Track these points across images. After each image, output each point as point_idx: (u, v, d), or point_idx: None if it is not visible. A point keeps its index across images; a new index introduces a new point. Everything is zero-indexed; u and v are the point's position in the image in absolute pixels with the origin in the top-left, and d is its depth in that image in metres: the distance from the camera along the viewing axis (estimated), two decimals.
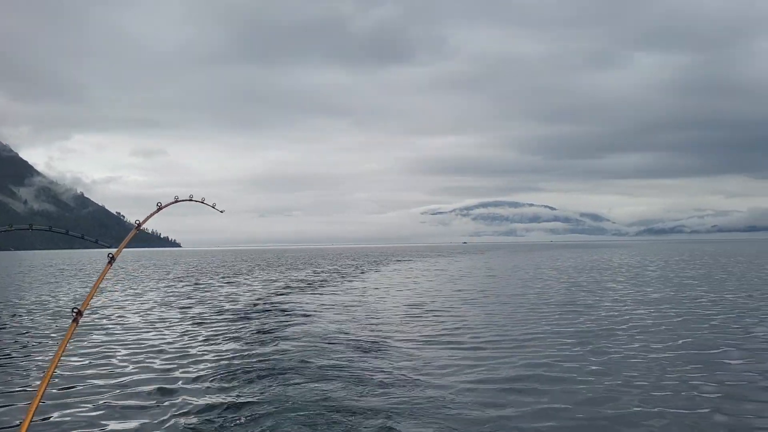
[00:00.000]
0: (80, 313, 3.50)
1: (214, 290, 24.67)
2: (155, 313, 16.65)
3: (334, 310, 16.46)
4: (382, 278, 31.52)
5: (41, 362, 9.80)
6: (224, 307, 17.82)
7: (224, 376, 8.42)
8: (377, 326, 13.12)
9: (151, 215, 4.80)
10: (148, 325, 14.13)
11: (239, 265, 55.92)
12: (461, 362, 9.14)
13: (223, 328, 13.31)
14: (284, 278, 32.32)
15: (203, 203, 5.55)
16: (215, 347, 10.87)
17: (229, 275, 36.81)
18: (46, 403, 7.10)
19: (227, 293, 22.89)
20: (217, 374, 8.53)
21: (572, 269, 36.12)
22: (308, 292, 23.07)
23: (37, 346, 11.54)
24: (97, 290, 3.89)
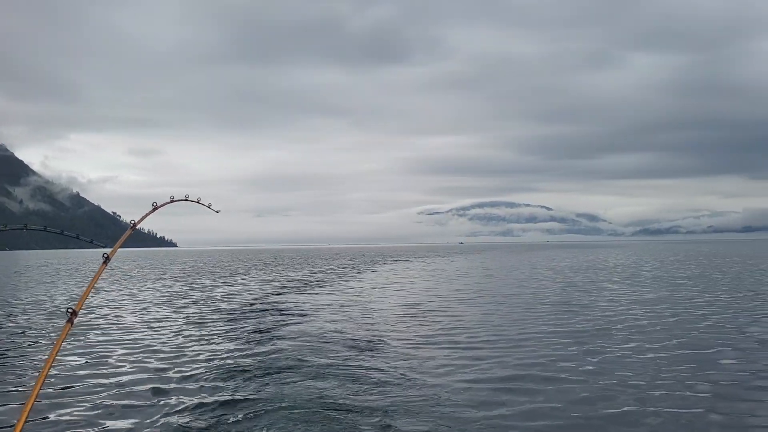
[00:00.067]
0: (75, 313, 3.49)
1: (210, 290, 24.63)
2: (151, 313, 16.62)
3: (330, 309, 16.46)
4: (378, 278, 31.54)
5: (36, 362, 9.78)
6: (221, 306, 17.80)
7: (220, 375, 8.42)
8: (373, 326, 13.13)
9: (146, 215, 4.80)
10: (144, 325, 14.11)
11: (236, 265, 55.85)
12: (457, 362, 9.16)
13: (219, 327, 13.30)
14: (281, 278, 32.31)
15: (199, 203, 5.54)
16: (211, 347, 10.86)
17: (225, 275, 36.76)
18: (41, 402, 7.09)
19: (224, 293, 22.86)
20: (213, 373, 8.53)
21: (568, 269, 36.19)
22: (305, 291, 23.07)
23: (32, 346, 11.51)
24: (92, 290, 3.89)
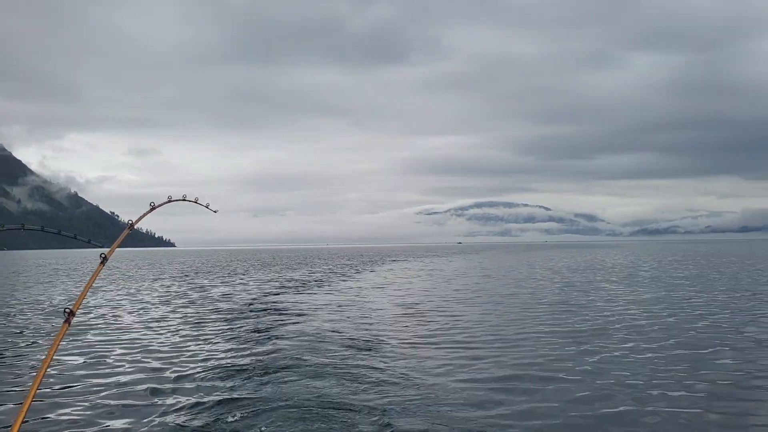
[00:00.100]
0: (72, 313, 3.49)
1: (208, 290, 24.62)
2: (150, 312, 16.61)
3: (328, 309, 16.46)
4: (376, 278, 31.54)
5: (34, 362, 9.77)
6: (219, 306, 17.80)
7: (219, 374, 8.43)
8: (372, 325, 13.14)
9: (144, 215, 4.80)
10: (142, 324, 14.09)
11: (234, 264, 55.82)
12: (455, 361, 9.18)
13: (217, 327, 13.30)
14: (279, 278, 32.30)
15: (196, 203, 5.54)
16: (210, 346, 10.86)
17: (223, 275, 36.74)
18: (39, 402, 7.08)
19: (222, 293, 22.85)
20: (211, 373, 8.54)
21: (566, 269, 36.23)
22: (303, 291, 23.08)
23: (30, 345, 11.50)
24: (90, 290, 3.89)
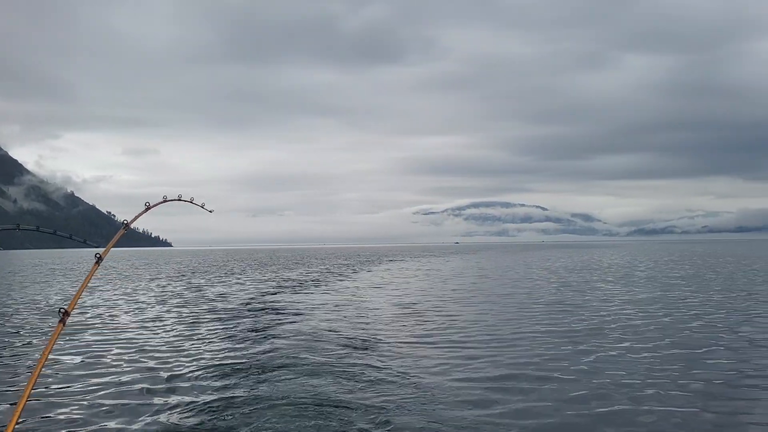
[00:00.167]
0: (67, 313, 3.48)
1: (205, 290, 24.59)
2: (146, 312, 16.58)
3: (325, 309, 16.47)
4: (373, 278, 31.55)
5: (30, 362, 9.76)
6: (216, 306, 17.78)
7: (216, 373, 8.44)
8: (368, 325, 13.15)
9: (139, 215, 4.79)
10: (138, 324, 14.07)
11: (231, 264, 55.77)
12: (451, 360, 9.19)
13: (214, 327, 13.29)
14: (276, 278, 32.29)
15: (192, 203, 5.52)
16: (207, 346, 10.85)
17: (220, 275, 36.70)
18: (34, 401, 7.07)
19: (219, 293, 22.83)
20: (208, 372, 8.54)
21: (563, 269, 36.29)
22: (300, 291, 23.07)
23: (25, 345, 11.48)
24: (86, 290, 3.89)
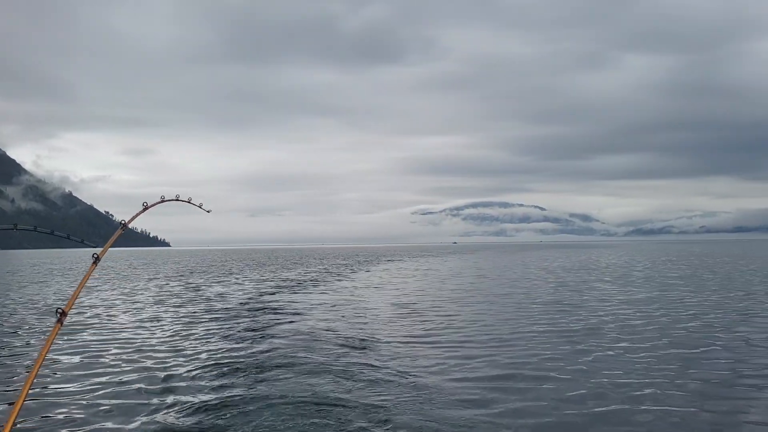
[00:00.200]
0: (64, 313, 3.48)
1: (204, 289, 24.59)
2: (144, 312, 16.58)
3: (323, 308, 16.48)
4: (371, 278, 31.56)
5: (27, 362, 9.75)
6: (214, 306, 17.78)
7: (213, 373, 8.45)
8: (366, 325, 13.16)
9: (136, 215, 4.80)
10: (137, 324, 14.05)
11: (230, 264, 55.73)
12: (449, 360, 9.22)
13: (213, 326, 13.29)
14: (275, 278, 32.29)
15: (190, 203, 5.52)
16: (205, 346, 10.86)
17: (219, 275, 36.69)
18: (32, 401, 7.08)
19: (217, 292, 22.83)
20: (206, 371, 8.56)
21: (560, 269, 36.32)
22: (299, 291, 23.07)
23: (24, 346, 11.46)
24: (84, 290, 3.89)
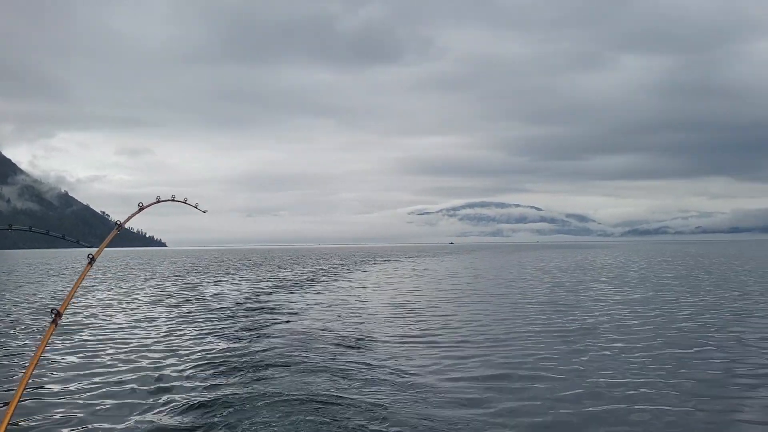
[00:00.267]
0: (59, 314, 3.47)
1: (200, 289, 24.56)
2: (141, 312, 16.55)
3: (320, 308, 16.50)
4: (368, 278, 31.58)
5: (22, 362, 9.74)
6: (211, 305, 17.78)
7: (210, 372, 8.47)
8: (362, 324, 13.18)
9: (132, 215, 4.80)
10: (133, 324, 14.04)
11: (226, 264, 55.67)
12: (444, 360, 9.24)
13: (209, 326, 13.29)
14: (271, 278, 32.27)
15: (185, 203, 5.53)
16: (201, 345, 10.86)
17: (215, 275, 36.65)
18: (28, 401, 7.07)
19: (214, 292, 22.81)
20: (203, 371, 8.57)
21: (556, 269, 36.39)
22: (295, 291, 23.07)
23: (19, 346, 11.42)
24: (80, 290, 3.90)
